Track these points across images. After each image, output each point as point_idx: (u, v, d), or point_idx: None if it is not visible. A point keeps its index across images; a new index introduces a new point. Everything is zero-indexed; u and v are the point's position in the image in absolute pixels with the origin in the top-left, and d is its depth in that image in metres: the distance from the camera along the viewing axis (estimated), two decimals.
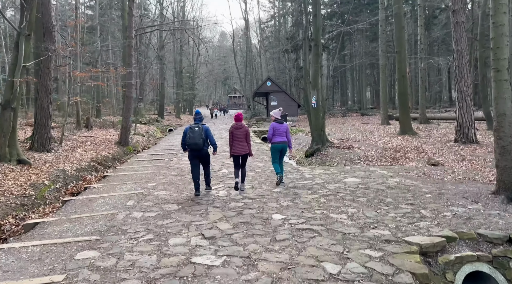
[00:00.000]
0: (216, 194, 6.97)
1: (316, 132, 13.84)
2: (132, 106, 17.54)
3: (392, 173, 8.73)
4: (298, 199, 6.39)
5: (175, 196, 6.88)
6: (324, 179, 8.18)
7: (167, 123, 34.37)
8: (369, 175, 8.49)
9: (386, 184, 7.48)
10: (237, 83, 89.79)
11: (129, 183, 8.42)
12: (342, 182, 7.74)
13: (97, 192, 7.70)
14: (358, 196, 6.55)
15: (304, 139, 18.04)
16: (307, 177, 8.44)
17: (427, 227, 4.84)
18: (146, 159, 13.04)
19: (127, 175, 9.74)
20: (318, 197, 6.50)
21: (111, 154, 14.88)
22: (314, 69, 13.79)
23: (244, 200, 6.45)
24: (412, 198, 6.35)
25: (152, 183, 8.30)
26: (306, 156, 13.98)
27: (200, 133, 6.75)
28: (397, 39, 17.76)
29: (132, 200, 6.65)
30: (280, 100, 33.26)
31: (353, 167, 9.87)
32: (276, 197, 6.59)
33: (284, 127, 7.66)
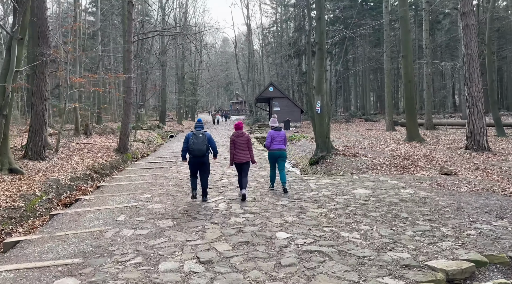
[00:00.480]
0: (215, 207, 6.44)
1: (321, 139, 13.31)
2: (131, 112, 17.09)
3: (403, 183, 8.17)
4: (304, 214, 5.85)
5: (171, 210, 6.36)
6: (331, 190, 7.64)
7: (169, 130, 33.93)
8: (379, 185, 7.94)
9: (398, 196, 6.93)
10: (239, 89, 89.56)
11: (123, 195, 7.91)
12: (351, 194, 7.19)
13: (88, 205, 7.18)
14: (370, 210, 6.00)
15: (308, 146, 17.51)
16: (312, 188, 7.90)
17: (450, 248, 4.29)
18: (144, 167, 12.54)
19: (122, 185, 9.22)
20: (326, 211, 5.95)
21: (109, 162, 14.39)
22: (318, 74, 13.30)
23: (245, 214, 5.92)
24: (429, 212, 5.80)
25: (147, 194, 7.78)
26: (310, 164, 13.44)
27: (203, 139, 6.86)
28: (403, 43, 17.28)
29: (123, 215, 6.13)
30: (283, 106, 32.78)
31: (361, 176, 9.32)
32: (280, 211, 6.05)
33: (282, 135, 7.70)
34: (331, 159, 12.66)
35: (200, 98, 74.94)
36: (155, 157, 15.57)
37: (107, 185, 9.38)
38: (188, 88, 52.39)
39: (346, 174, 10.51)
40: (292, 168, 14.91)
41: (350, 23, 38.43)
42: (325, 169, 12.01)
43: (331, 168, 11.84)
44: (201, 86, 62.03)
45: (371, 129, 26.85)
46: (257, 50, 64.64)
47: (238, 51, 59.52)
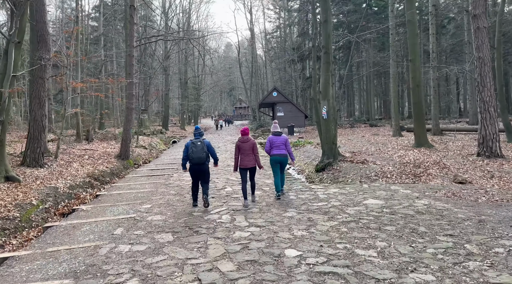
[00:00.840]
0: (218, 219, 6.05)
1: (327, 146, 12.90)
2: (132, 117, 16.77)
3: (417, 192, 7.74)
4: (314, 227, 5.44)
5: (171, 222, 5.96)
6: (341, 200, 7.22)
7: (171, 135, 33.63)
8: (392, 195, 7.51)
9: (414, 207, 6.50)
10: (242, 94, 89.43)
11: (121, 205, 7.53)
12: (363, 205, 6.77)
13: (85, 216, 6.81)
14: (385, 223, 5.58)
15: (313, 152, 17.09)
16: (321, 198, 7.48)
17: (479, 270, 3.87)
18: (145, 175, 12.18)
19: (122, 194, 8.85)
20: (337, 225, 5.54)
21: (110, 169, 14.06)
22: (324, 78, 12.93)
23: (250, 228, 5.52)
24: (449, 226, 5.37)
25: (147, 204, 7.40)
26: (316, 171, 13.02)
27: (202, 147, 6.92)
28: (410, 47, 16.89)
29: (121, 228, 5.75)
30: (287, 111, 32.41)
31: (372, 185, 8.89)
32: (288, 224, 5.64)
33: (282, 140, 7.68)
34: (338, 166, 12.24)
35: (203, 103, 74.78)
36: (157, 164, 15.21)
37: (106, 194, 9.01)
38: (191, 94, 52.21)
39: (354, 182, 10.08)
40: (298, 175, 14.49)
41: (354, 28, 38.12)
42: (332, 177, 11.59)
43: (338, 175, 11.42)
44: (204, 91, 61.86)
45: (377, 134, 26.39)
46: (260, 55, 64.46)
47: (241, 56, 59.35)
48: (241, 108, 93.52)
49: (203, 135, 7.35)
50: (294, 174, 14.80)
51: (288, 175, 12.43)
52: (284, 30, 59.00)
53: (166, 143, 29.39)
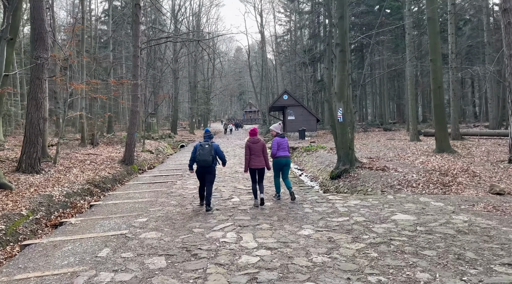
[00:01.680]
0: (221, 238, 5.15)
1: (343, 151, 11.93)
2: (137, 121, 16.05)
3: (451, 205, 6.73)
4: (336, 251, 4.50)
5: (167, 241, 5.08)
6: (364, 214, 6.26)
7: (180, 139, 32.96)
8: (423, 209, 6.51)
9: (452, 224, 5.51)
10: (252, 98, 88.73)
11: (115, 217, 6.69)
12: (391, 221, 5.80)
13: (70, 232, 5.98)
14: (422, 246, 4.61)
15: (327, 158, 16.10)
16: (341, 211, 6.53)
17: None
18: (147, 181, 11.36)
19: (118, 204, 8.03)
20: (365, 248, 4.59)
21: (112, 174, 13.32)
22: (340, 78, 11.99)
23: (260, 250, 4.60)
24: (503, 251, 4.37)
25: (143, 217, 6.54)
26: (331, 178, 12.04)
27: (209, 150, 6.99)
28: (431, 46, 15.83)
29: (108, 248, 4.89)
30: (298, 115, 31.45)
31: (397, 196, 7.89)
32: (305, 246, 4.71)
33: (286, 142, 7.70)
34: (356, 173, 11.24)
35: (213, 107, 74.29)
36: (161, 169, 14.41)
37: (101, 204, 8.20)
38: (200, 97, 51.65)
39: (375, 192, 9.09)
40: (311, 182, 13.52)
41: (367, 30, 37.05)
42: (349, 185, 10.60)
43: (356, 183, 10.42)
44: (214, 95, 61.30)
45: (393, 139, 25.25)
46: (271, 59, 63.73)
47: (252, 60, 58.66)
48: (251, 112, 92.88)
49: (212, 138, 7.46)
50: (306, 181, 13.84)
51: (301, 182, 11.49)
52: (294, 33, 58.18)
53: (174, 147, 28.70)
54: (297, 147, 22.40)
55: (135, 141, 15.88)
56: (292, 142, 26.56)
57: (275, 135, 7.74)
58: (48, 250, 5.01)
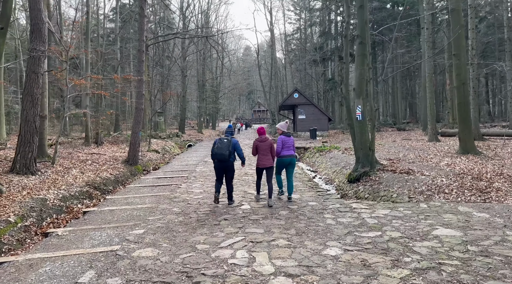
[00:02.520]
0: (230, 259, 4.24)
1: (362, 152, 10.94)
2: (142, 119, 15.25)
3: (499, 217, 5.73)
4: (375, 280, 3.57)
5: (164, 262, 4.20)
6: (399, 228, 5.30)
7: (187, 139, 32.20)
8: (467, 221, 5.53)
9: (511, 243, 4.52)
10: (261, 97, 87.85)
11: (108, 228, 5.84)
12: (434, 237, 4.84)
13: (54, 247, 5.13)
14: (484, 274, 3.64)
15: (342, 159, 15.11)
16: (370, 224, 5.58)
17: None
18: (150, 184, 10.53)
19: (114, 211, 7.19)
20: (410, 276, 3.64)
21: (114, 175, 12.55)
22: (359, 73, 11.00)
23: (278, 277, 3.69)
24: None
25: (140, 228, 5.68)
26: (349, 181, 11.07)
27: (228, 145, 7.01)
28: (455, 40, 14.73)
29: (92, 270, 4.03)
30: (309, 114, 30.43)
31: (431, 204, 6.89)
32: (334, 272, 3.78)
33: (292, 141, 7.61)
34: (377, 177, 10.25)
35: (222, 106, 73.53)
36: (166, 171, 13.58)
37: (95, 211, 7.36)
38: (209, 96, 50.87)
39: (402, 198, 8.10)
40: (326, 185, 12.56)
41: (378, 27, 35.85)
42: (370, 190, 9.62)
43: (378, 188, 9.44)
44: (222, 94, 60.51)
45: (409, 139, 24.12)
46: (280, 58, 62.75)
47: (261, 59, 57.68)
48: (259, 112, 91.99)
49: (233, 134, 7.54)
50: (321, 184, 12.88)
51: (316, 186, 10.55)
52: (304, 31, 57.13)
53: (181, 147, 27.93)
54: (309, 147, 21.42)
55: (139, 140, 15.09)
56: (303, 142, 25.59)
57: (281, 134, 7.60)
58: (21, 272, 4.16)
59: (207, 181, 10.25)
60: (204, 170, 12.61)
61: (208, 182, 10.13)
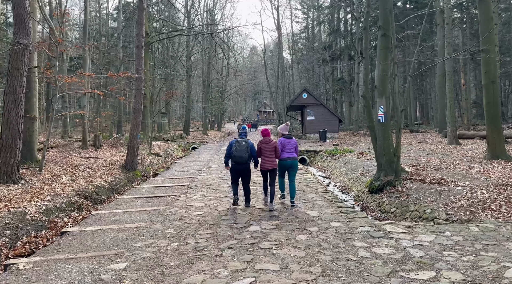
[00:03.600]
0: None
1: (386, 158, 9.67)
2: (141, 121, 14.11)
3: None
4: None
5: None
6: (456, 265, 4.04)
7: (192, 141, 31.07)
8: None
9: None
10: (267, 97, 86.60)
11: (83, 259, 4.66)
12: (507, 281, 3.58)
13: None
14: None
15: (358, 164, 13.83)
16: (416, 258, 4.31)
17: None
18: (145, 194, 9.35)
19: (97, 232, 6.01)
20: None
21: (109, 183, 11.45)
22: (382, 69, 9.74)
23: None
24: None
25: (122, 260, 4.48)
26: (370, 191, 9.81)
27: (246, 147, 7.01)
28: (483, 33, 13.37)
29: None
30: (318, 115, 29.13)
31: (482, 226, 5.57)
32: None
33: (294, 143, 7.53)
34: (404, 187, 8.97)
35: (227, 107, 72.43)
36: (165, 178, 12.40)
37: (75, 232, 6.18)
38: (214, 96, 49.77)
39: (438, 214, 6.82)
40: (342, 195, 11.30)
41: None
42: (397, 203, 8.34)
43: (407, 201, 8.16)
44: (228, 94, 59.38)
45: (425, 142, 22.75)
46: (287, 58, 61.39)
47: (267, 60, 56.44)
48: (265, 113, 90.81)
49: (247, 135, 7.44)
50: (337, 192, 11.62)
51: (335, 199, 9.31)
52: (312, 31, 55.79)
53: (185, 149, 26.81)
54: (319, 150, 20.14)
55: (138, 144, 13.96)
56: (312, 144, 24.31)
57: (281, 136, 7.56)
58: None
59: (209, 192, 9.05)
60: (207, 177, 11.41)
61: (211, 193, 8.94)
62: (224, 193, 8.88)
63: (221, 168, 13.65)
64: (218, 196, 8.40)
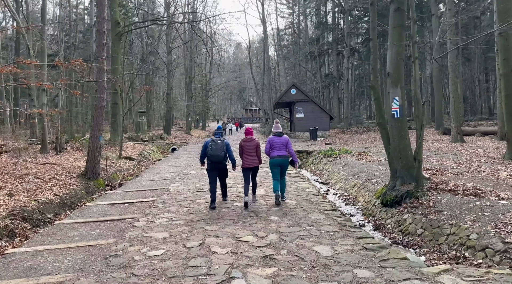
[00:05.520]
0: None
1: (402, 162, 7.72)
2: (102, 119, 11.85)
3: None
4: None
5: None
6: None
7: (173, 141, 28.74)
8: None
9: None
10: (253, 95, 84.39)
11: None
12: None
13: None
14: None
15: (360, 168, 11.89)
16: None
17: None
18: (93, 218, 7.12)
19: None
20: None
21: (60, 196, 9.27)
22: (395, 51, 7.80)
23: None
24: None
25: None
26: (383, 203, 7.85)
27: (222, 146, 7.03)
28: (500, 14, 11.63)
29: None
30: (308, 112, 27.22)
31: None
32: None
33: (283, 140, 7.42)
34: (430, 200, 7.03)
35: (212, 105, 69.95)
36: (128, 190, 10.12)
37: None
38: (198, 94, 47.34)
39: (489, 241, 4.88)
40: (345, 206, 9.33)
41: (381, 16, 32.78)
42: (425, 222, 6.39)
43: (439, 221, 6.21)
44: (212, 92, 56.97)
45: (425, 140, 21.03)
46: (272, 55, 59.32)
47: (252, 56, 54.23)
48: (252, 111, 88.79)
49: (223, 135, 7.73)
50: (338, 203, 9.65)
51: (353, 226, 7.32)
52: (298, 25, 53.92)
53: (163, 151, 24.49)
54: (312, 150, 18.16)
55: (100, 147, 11.71)
56: (303, 144, 22.35)
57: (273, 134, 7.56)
58: None
59: (179, 212, 6.90)
60: (181, 189, 9.24)
61: (181, 213, 6.79)
62: (199, 213, 6.75)
63: (199, 175, 11.50)
64: (191, 219, 6.27)
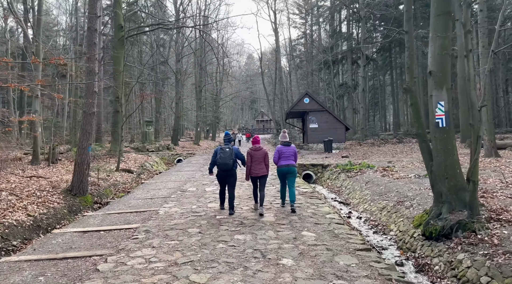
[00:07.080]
0: None
1: (449, 184, 6.06)
2: (92, 128, 10.47)
3: None
4: None
5: None
6: None
7: (179, 152, 27.37)
8: None
9: None
10: (264, 106, 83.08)
11: None
12: None
13: None
14: None
15: (389, 187, 10.17)
16: None
17: None
18: (49, 255, 5.56)
19: None
20: None
21: (35, 217, 7.93)
22: (439, 45, 6.23)
23: None
24: None
25: None
26: (426, 236, 6.16)
27: (230, 154, 7.08)
28: None
29: None
30: (322, 122, 25.58)
31: None
32: None
33: (291, 150, 7.57)
34: (493, 235, 5.33)
35: (223, 116, 68.78)
36: (110, 212, 8.54)
37: None
38: (208, 104, 46.18)
39: None
40: (374, 234, 7.65)
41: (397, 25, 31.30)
42: (493, 266, 4.69)
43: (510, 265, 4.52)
44: (223, 102, 55.79)
45: None
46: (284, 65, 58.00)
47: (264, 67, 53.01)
48: (263, 122, 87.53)
49: (232, 141, 7.54)
50: (365, 230, 7.97)
51: (384, 264, 5.69)
52: (310, 35, 52.64)
53: (169, 162, 23.09)
54: (328, 164, 16.47)
55: (89, 159, 10.30)
56: (317, 156, 20.68)
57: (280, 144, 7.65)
58: None
59: (163, 246, 5.24)
60: (173, 212, 7.63)
61: (164, 249, 5.16)
62: (187, 250, 5.08)
63: (199, 193, 9.94)
64: (175, 260, 4.62)
